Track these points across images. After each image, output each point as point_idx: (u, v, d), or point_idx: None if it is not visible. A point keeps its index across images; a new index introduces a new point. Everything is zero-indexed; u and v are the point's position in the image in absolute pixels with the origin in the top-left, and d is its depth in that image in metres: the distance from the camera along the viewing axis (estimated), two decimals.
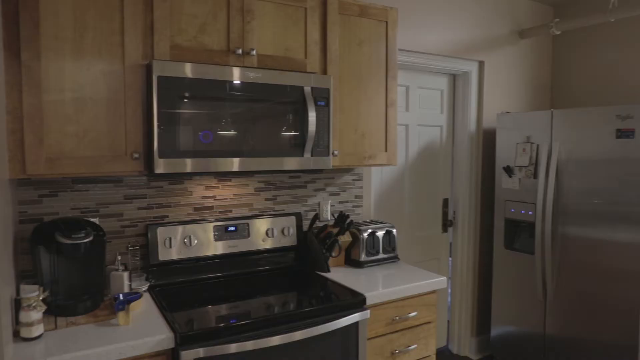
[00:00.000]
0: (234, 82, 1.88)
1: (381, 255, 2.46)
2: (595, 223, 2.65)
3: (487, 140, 3.37)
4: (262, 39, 2.01)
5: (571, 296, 2.79)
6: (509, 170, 3.06)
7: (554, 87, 3.74)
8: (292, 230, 2.40)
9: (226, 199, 2.33)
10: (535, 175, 2.91)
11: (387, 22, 2.39)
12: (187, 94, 1.80)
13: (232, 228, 2.25)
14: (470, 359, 3.42)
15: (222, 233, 2.22)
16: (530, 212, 2.95)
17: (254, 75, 1.92)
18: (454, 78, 3.35)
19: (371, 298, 2.01)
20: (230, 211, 2.34)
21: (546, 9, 3.65)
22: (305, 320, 1.81)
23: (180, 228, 2.14)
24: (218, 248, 2.21)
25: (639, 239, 2.47)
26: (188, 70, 1.79)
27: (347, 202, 2.71)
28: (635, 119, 2.46)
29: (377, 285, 2.12)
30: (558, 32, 3.27)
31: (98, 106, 1.71)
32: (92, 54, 1.69)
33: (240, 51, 1.94)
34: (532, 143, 2.92)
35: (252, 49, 1.97)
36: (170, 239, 2.09)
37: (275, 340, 1.72)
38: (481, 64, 3.31)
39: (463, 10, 3.15)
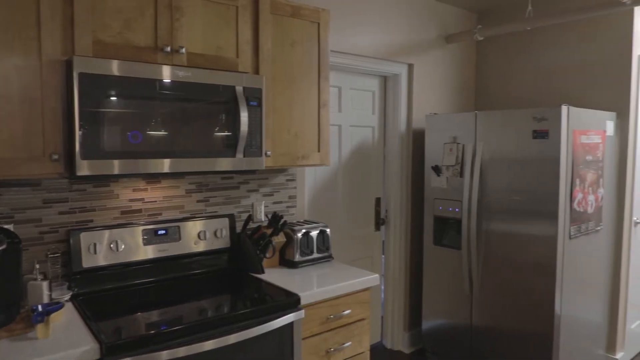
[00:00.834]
0: (164, 80, 1.82)
1: (315, 255, 2.48)
2: (515, 218, 2.83)
3: (417, 140, 3.49)
4: (191, 37, 1.96)
5: (495, 288, 2.95)
6: (437, 170, 3.19)
7: (478, 90, 3.94)
8: (225, 232, 2.36)
9: (155, 201, 2.25)
10: (461, 174, 3.06)
11: (319, 24, 2.41)
12: (113, 93, 1.72)
13: (162, 231, 2.18)
14: (403, 353, 3.53)
15: (151, 237, 2.14)
16: (457, 210, 3.09)
17: (184, 74, 1.87)
18: (384, 80, 3.44)
19: (305, 298, 2.02)
20: (160, 214, 2.27)
21: (470, 16, 3.85)
22: (239, 322, 1.79)
23: (106, 233, 2.04)
24: (147, 252, 2.13)
25: (552, 232, 2.66)
26: (113, 67, 1.71)
27: (281, 202, 2.70)
28: (549, 121, 2.64)
29: (311, 285, 2.14)
30: (481, 38, 3.45)
31: (11, 104, 1.59)
32: (4, 48, 1.57)
33: (168, 49, 1.88)
34: (458, 143, 3.06)
35: (182, 47, 1.91)
36: (95, 244, 1.99)
37: (209, 345, 1.69)
38: (411, 67, 3.42)
39: (393, 15, 3.24)
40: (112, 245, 2.03)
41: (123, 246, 2.06)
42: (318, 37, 2.41)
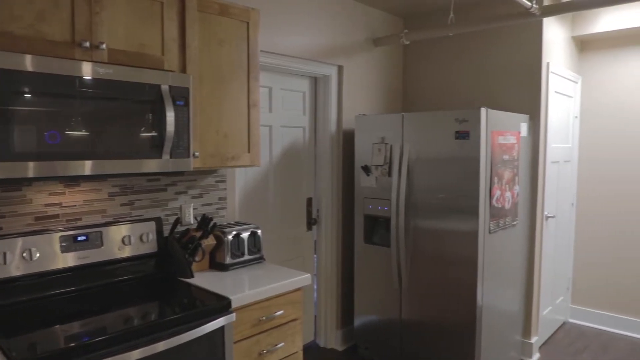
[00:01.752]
0: (83, 78, 1.72)
1: (247, 257, 2.45)
2: (439, 215, 2.95)
3: (347, 140, 3.56)
4: (113, 32, 1.87)
5: (422, 283, 3.07)
6: (366, 169, 3.26)
7: (405, 92, 4.08)
8: (152, 236, 2.27)
9: (75, 205, 2.12)
10: (389, 173, 3.15)
11: (248, 23, 2.39)
12: (25, 90, 1.59)
13: (83, 237, 2.06)
14: (336, 350, 3.58)
15: (70, 244, 2.02)
16: (386, 208, 3.18)
17: (105, 72, 1.78)
18: (315, 81, 3.47)
19: (237, 300, 1.99)
20: (80, 219, 2.14)
21: (397, 20, 3.97)
22: (168, 329, 1.73)
23: (18, 241, 1.89)
24: (67, 260, 2.00)
25: (474, 228, 2.81)
26: (26, 62, 1.59)
27: (210, 204, 2.65)
28: (470, 122, 2.79)
29: (242, 287, 2.11)
30: (407, 42, 3.58)
31: None
32: None
33: (87, 44, 1.78)
34: (386, 143, 3.15)
35: (102, 43, 1.82)
36: (5, 254, 1.84)
37: (136, 355, 1.62)
38: (340, 68, 3.47)
39: (323, 17, 3.28)
40: (25, 254, 1.89)
41: (38, 255, 1.92)
42: (247, 36, 2.39)
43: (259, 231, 2.53)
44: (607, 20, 3.71)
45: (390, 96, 3.96)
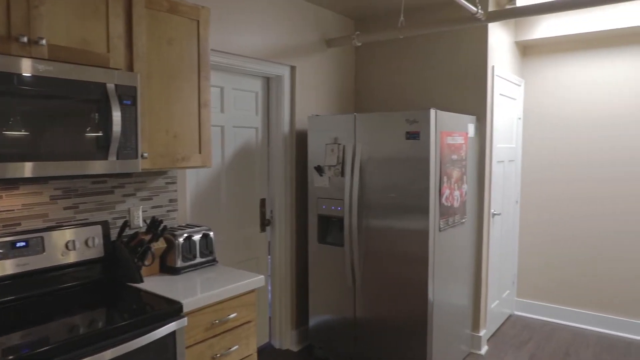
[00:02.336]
0: (22, 74, 1.63)
1: (199, 260, 2.41)
2: (391, 214, 3.01)
3: (300, 141, 3.56)
4: (53, 27, 1.78)
5: (375, 281, 3.11)
6: (319, 170, 3.27)
7: (358, 93, 4.13)
8: (98, 241, 2.18)
9: (13, 210, 2.01)
10: (342, 173, 3.17)
11: (199, 21, 2.34)
12: None
13: (22, 243, 1.95)
14: (291, 351, 3.57)
15: (8, 250, 1.91)
16: (339, 208, 3.21)
17: (45, 69, 1.69)
18: (267, 81, 3.45)
19: (188, 304, 1.95)
20: (19, 224, 2.03)
21: (349, 22, 4.01)
22: (116, 337, 1.67)
23: None
24: (4, 268, 1.89)
25: (425, 226, 2.88)
26: None
27: (160, 206, 2.57)
28: (420, 123, 2.86)
29: (194, 290, 2.07)
30: (359, 44, 3.62)
31: None
32: None
33: (25, 39, 1.69)
34: (339, 144, 3.18)
35: (42, 38, 1.73)
36: None
37: None
38: (293, 69, 3.47)
39: (276, 17, 3.26)
40: None
41: None
42: (198, 35, 2.34)
43: (211, 233, 2.49)
44: (545, 27, 3.90)
45: (342, 97, 4.00)
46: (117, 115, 1.86)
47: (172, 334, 1.86)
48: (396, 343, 3.05)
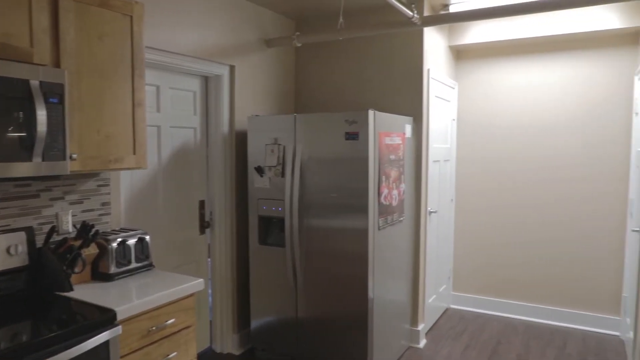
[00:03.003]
0: None
1: (134, 265, 2.31)
2: (332, 214, 3.04)
3: (240, 141, 3.51)
4: None
5: (317, 280, 3.13)
6: (260, 170, 3.25)
7: (298, 93, 4.13)
8: (22, 248, 2.04)
9: None
10: (283, 174, 3.17)
11: (132, 17, 2.25)
12: None
13: None
14: (233, 355, 3.52)
15: None
16: (280, 209, 3.20)
17: None
18: (206, 80, 3.38)
19: (123, 312, 1.87)
20: None
21: (289, 22, 4.01)
22: (43, 350, 1.57)
23: None
24: None
25: (364, 225, 2.93)
26: None
27: (92, 210, 2.45)
28: (359, 123, 2.90)
29: (129, 297, 1.99)
30: (299, 44, 3.63)
31: None
32: None
33: None
34: (279, 144, 3.16)
35: None
36: None
37: None
38: (232, 68, 3.42)
39: (214, 15, 3.20)
40: None
41: None
42: (131, 31, 2.25)
43: (147, 237, 2.40)
44: (476, 33, 4.09)
45: (283, 97, 3.99)
46: (42, 114, 1.76)
47: (106, 344, 1.77)
48: (338, 340, 3.09)
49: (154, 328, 2.02)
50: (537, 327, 4.13)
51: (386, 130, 3.09)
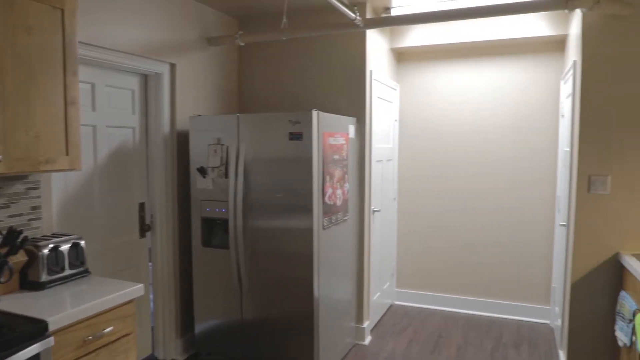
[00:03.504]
0: None
1: (67, 272, 2.20)
2: (277, 214, 3.03)
3: (182, 142, 3.43)
4: None
5: (263, 282, 3.11)
6: (202, 171, 3.18)
7: (242, 93, 4.09)
8: None
9: None
10: (226, 174, 3.12)
11: (63, 10, 2.14)
12: None
13: None
14: None
15: None
16: (224, 210, 3.15)
17: None
18: (145, 78, 3.27)
19: (55, 322, 1.77)
20: None
21: (232, 21, 3.95)
22: None
23: None
24: None
25: (309, 225, 2.94)
26: None
27: (20, 215, 2.30)
28: (303, 124, 2.91)
29: (63, 306, 1.89)
30: (242, 44, 3.58)
31: None
32: None
33: None
34: (222, 145, 3.11)
35: None
36: None
37: None
38: (173, 66, 3.33)
39: (153, 11, 3.10)
40: None
41: None
42: (63, 25, 2.14)
43: (82, 242, 2.29)
44: (415, 36, 4.21)
45: (226, 97, 3.93)
46: None
47: (36, 357, 1.67)
48: (284, 341, 3.08)
49: (90, 337, 1.93)
50: (476, 319, 4.31)
51: (330, 131, 3.12)
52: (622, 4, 2.75)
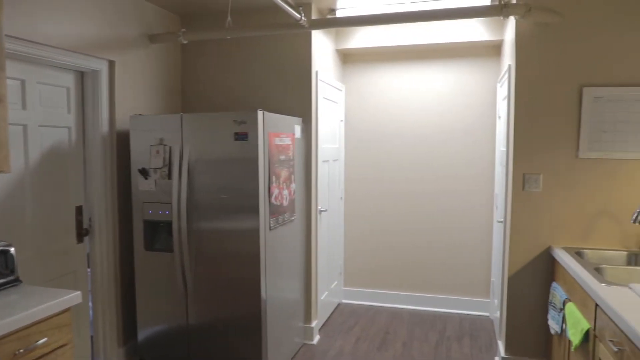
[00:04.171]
0: None
1: None
2: (223, 216, 2.98)
3: (122, 142, 3.30)
4: None
5: (209, 285, 3.05)
6: (144, 172, 3.08)
7: (186, 92, 3.99)
8: None
9: None
10: (169, 176, 3.04)
11: None
12: None
13: None
14: None
15: None
16: (167, 212, 3.06)
17: None
18: (82, 75, 3.12)
19: None
20: None
21: (175, 18, 3.85)
22: None
23: None
24: None
25: (255, 226, 2.92)
26: None
27: None
28: (248, 124, 2.88)
29: None
30: (186, 42, 3.50)
31: None
32: None
33: None
34: (165, 145, 3.03)
35: None
36: None
37: None
38: (112, 64, 3.20)
39: (90, 5, 2.96)
40: None
41: None
42: None
43: (12, 249, 2.15)
44: (359, 38, 4.27)
45: (168, 96, 3.82)
46: None
47: None
48: (232, 344, 3.04)
49: (21, 351, 1.82)
50: (421, 315, 4.43)
51: (276, 131, 3.11)
52: (551, 12, 2.91)
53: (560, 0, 2.97)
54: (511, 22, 3.28)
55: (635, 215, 2.57)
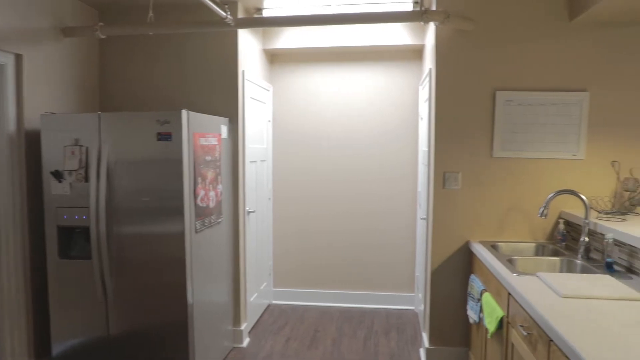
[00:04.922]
0: None
1: None
2: (145, 219, 2.86)
3: (32, 142, 3.07)
4: None
5: (131, 292, 2.91)
6: (58, 175, 2.89)
7: (104, 90, 3.79)
8: None
9: None
10: (86, 178, 2.87)
11: None
12: None
13: None
14: None
15: None
16: (84, 217, 2.89)
17: None
18: None
19: None
20: None
21: (91, 11, 3.64)
22: None
23: None
24: None
25: (180, 229, 2.83)
26: None
27: None
28: (172, 124, 2.79)
29: None
30: (103, 36, 3.32)
31: None
32: None
33: None
34: (81, 146, 2.86)
35: None
36: None
37: None
38: (19, 57, 2.96)
39: None
40: None
41: None
42: None
43: None
44: (286, 38, 4.28)
45: (85, 93, 3.61)
46: None
47: None
48: (158, 353, 2.92)
49: None
50: (350, 312, 4.52)
51: (201, 131, 3.03)
52: (467, 20, 3.08)
53: (477, 9, 3.16)
54: (431, 27, 3.44)
55: (541, 209, 2.79)
